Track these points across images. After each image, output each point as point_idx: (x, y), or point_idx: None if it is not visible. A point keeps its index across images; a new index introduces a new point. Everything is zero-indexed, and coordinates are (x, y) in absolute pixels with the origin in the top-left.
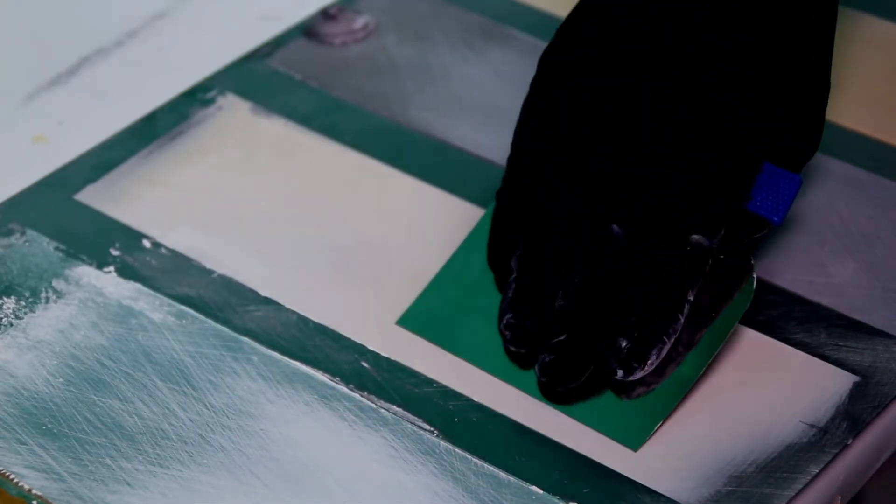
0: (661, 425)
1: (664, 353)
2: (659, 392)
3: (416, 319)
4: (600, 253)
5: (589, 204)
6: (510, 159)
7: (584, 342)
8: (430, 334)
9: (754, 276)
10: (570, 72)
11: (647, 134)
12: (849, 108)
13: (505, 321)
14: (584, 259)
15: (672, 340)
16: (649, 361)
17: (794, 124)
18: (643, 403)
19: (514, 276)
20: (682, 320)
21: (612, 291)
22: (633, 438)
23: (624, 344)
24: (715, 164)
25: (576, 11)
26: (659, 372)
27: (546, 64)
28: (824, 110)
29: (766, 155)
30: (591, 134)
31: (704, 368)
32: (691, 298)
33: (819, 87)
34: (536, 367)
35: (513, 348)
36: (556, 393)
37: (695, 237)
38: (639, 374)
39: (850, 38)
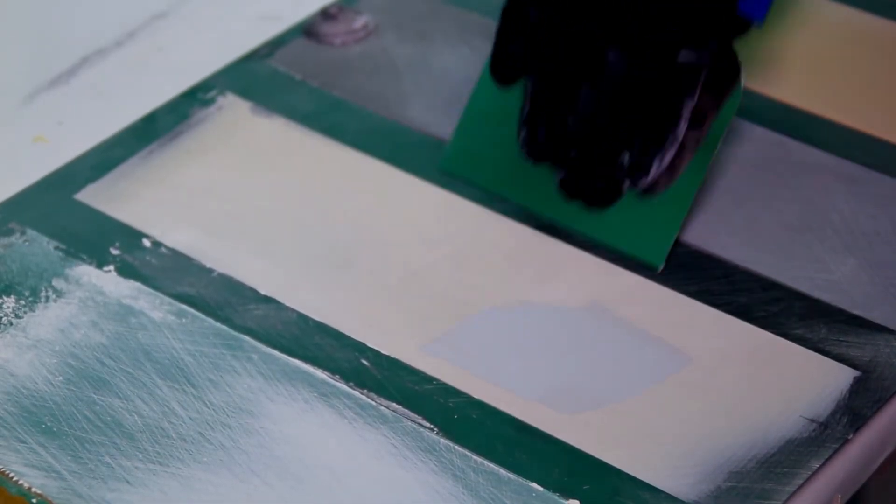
0: (677, 235)
1: (667, 159)
2: (668, 202)
3: (455, 161)
4: (601, 79)
5: (585, 31)
6: None
7: (594, 159)
8: (470, 174)
9: (742, 75)
10: None
11: None
12: (849, 106)
13: (521, 136)
14: (587, 87)
15: (674, 147)
16: (652, 169)
17: None
18: (657, 217)
19: (526, 94)
20: (683, 126)
21: (614, 112)
22: (655, 255)
23: (626, 157)
24: None
25: None
26: (669, 173)
27: None
28: None
29: None
30: None
31: (705, 171)
32: (687, 113)
33: None
34: (556, 183)
35: (530, 161)
36: (581, 196)
37: (684, 53)
38: (646, 182)
39: (849, 35)
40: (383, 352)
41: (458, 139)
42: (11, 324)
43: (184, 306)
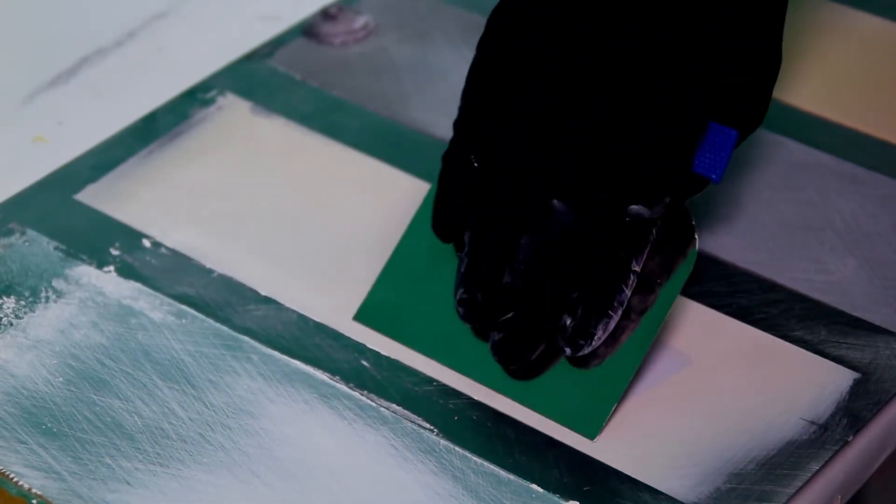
0: (615, 409)
1: (611, 326)
2: (609, 372)
3: (371, 315)
4: (543, 229)
5: (530, 179)
6: (456, 123)
7: (532, 319)
8: (386, 329)
9: (696, 240)
10: (514, 33)
11: (587, 102)
12: (849, 106)
13: (458, 296)
14: (529, 236)
15: (619, 313)
16: (595, 337)
17: (741, 95)
18: (595, 388)
19: (465, 250)
20: (628, 292)
21: (557, 268)
22: (590, 427)
23: (569, 322)
24: (656, 134)
25: None
26: (612, 341)
27: (493, 22)
28: (773, 83)
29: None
30: (531, 100)
31: (651, 342)
32: (637, 269)
33: (770, 58)
34: (489, 347)
35: (467, 324)
36: (513, 370)
37: (634, 208)
38: (587, 350)
39: (849, 36)
40: (383, 353)
41: (378, 291)
42: (11, 324)
43: (184, 307)
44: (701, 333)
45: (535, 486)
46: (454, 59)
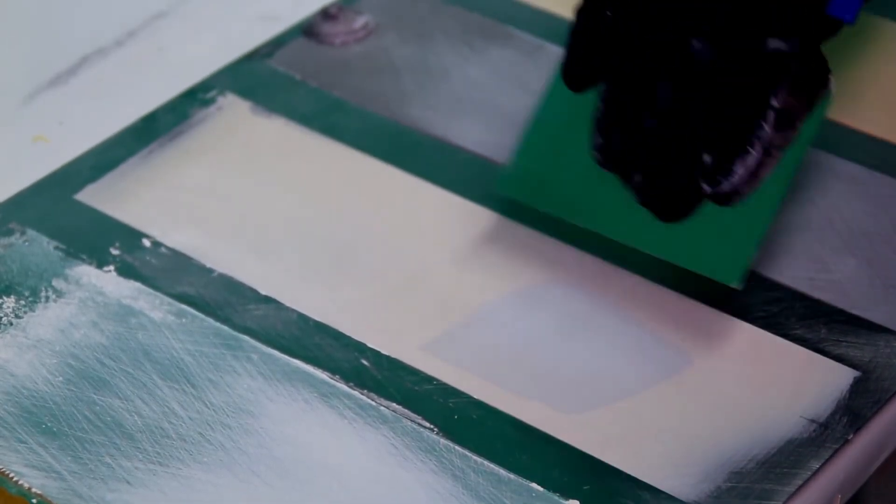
0: (756, 254)
1: (751, 163)
2: (748, 213)
3: (514, 183)
4: (683, 70)
5: (668, 18)
6: None
7: (673, 160)
8: (529, 198)
9: (832, 79)
10: None
11: None
12: (850, 107)
13: (595, 142)
14: (668, 77)
15: (759, 149)
16: (736, 173)
17: None
18: (735, 231)
19: (602, 97)
20: (768, 128)
21: (697, 108)
22: (732, 272)
23: (708, 159)
24: None
25: None
26: (752, 178)
27: None
28: None
29: None
30: None
31: (791, 179)
32: (776, 105)
33: None
34: (631, 188)
35: (604, 170)
36: (657, 211)
37: (773, 42)
38: (727, 187)
39: (850, 37)
40: (383, 352)
41: (521, 159)
42: (11, 324)
43: (184, 306)
44: (701, 332)
45: (535, 485)
46: (454, 59)
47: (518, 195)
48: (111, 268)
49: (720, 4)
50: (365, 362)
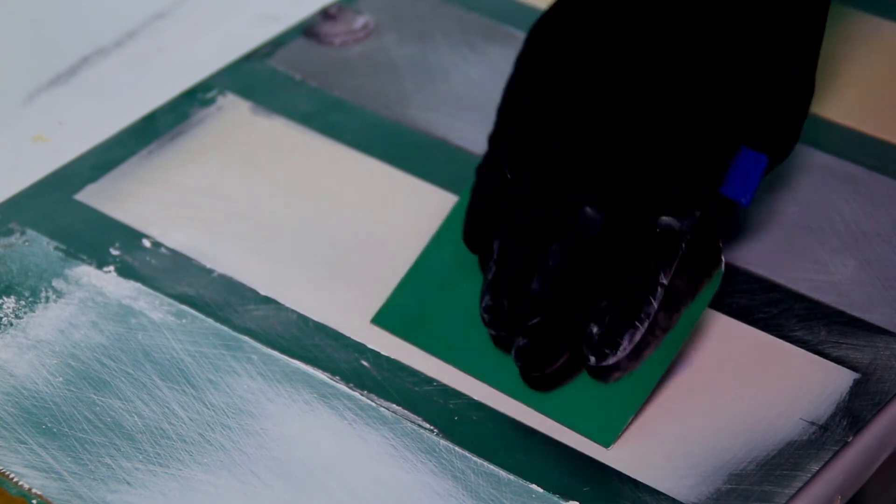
0: (632, 420)
1: (637, 338)
2: (629, 384)
3: (390, 318)
4: (574, 236)
5: (564, 186)
6: (491, 136)
7: (559, 327)
8: (404, 333)
9: (723, 262)
10: (547, 58)
11: (624, 115)
12: (849, 107)
13: (484, 303)
14: (559, 242)
15: (645, 325)
16: (621, 347)
17: (774, 119)
18: (614, 398)
19: (493, 258)
20: (656, 304)
21: (587, 276)
22: (606, 435)
23: (595, 330)
24: (691, 150)
25: None
26: (635, 356)
27: (532, 38)
28: (805, 113)
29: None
30: (567, 114)
31: (673, 358)
32: (665, 282)
33: (803, 86)
34: (512, 351)
35: (491, 331)
36: (533, 379)
37: (664, 219)
38: (612, 360)
39: (849, 37)
40: (383, 353)
41: (399, 295)
42: (11, 324)
43: (183, 307)
44: (701, 333)
45: (535, 487)
46: (454, 59)
47: (392, 329)
48: (111, 268)
49: (615, 178)
50: (365, 363)
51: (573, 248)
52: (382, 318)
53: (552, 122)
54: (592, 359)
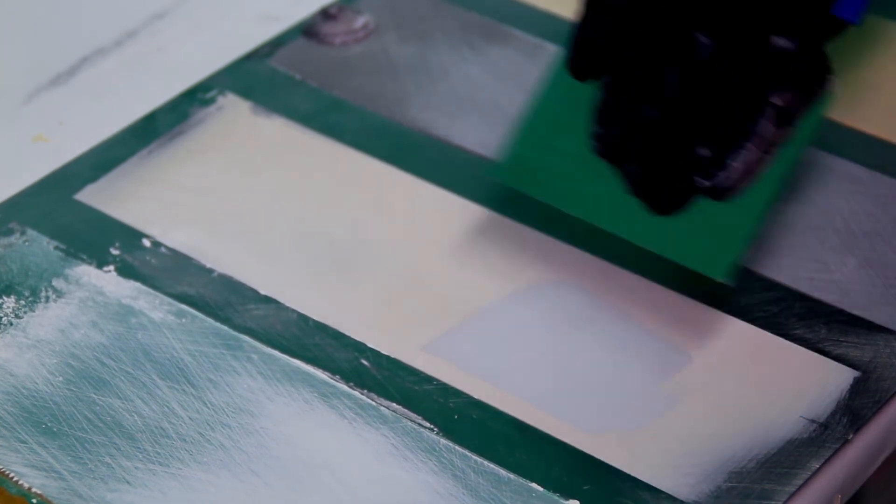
0: (746, 251)
1: (748, 157)
2: (739, 209)
3: (508, 170)
4: (686, 62)
5: (675, 11)
6: None
7: (671, 152)
8: (521, 184)
9: (833, 80)
10: None
11: None
12: (850, 107)
13: (594, 131)
14: (672, 68)
15: (755, 145)
16: (732, 167)
17: None
18: (726, 227)
19: (604, 87)
20: (766, 124)
21: (699, 101)
22: (720, 266)
23: (706, 153)
24: None
25: None
26: (747, 174)
27: None
28: None
29: None
30: None
31: (785, 177)
32: (777, 102)
33: None
34: (624, 177)
35: (602, 158)
36: (651, 204)
37: (776, 40)
38: (722, 182)
39: (849, 36)
40: (383, 352)
41: (517, 147)
42: (11, 324)
43: (184, 306)
44: (701, 332)
45: (535, 485)
46: (454, 59)
47: (511, 181)
48: (111, 268)
49: (726, 1)
50: (365, 362)
51: (686, 73)
52: (500, 171)
53: None
54: (704, 181)
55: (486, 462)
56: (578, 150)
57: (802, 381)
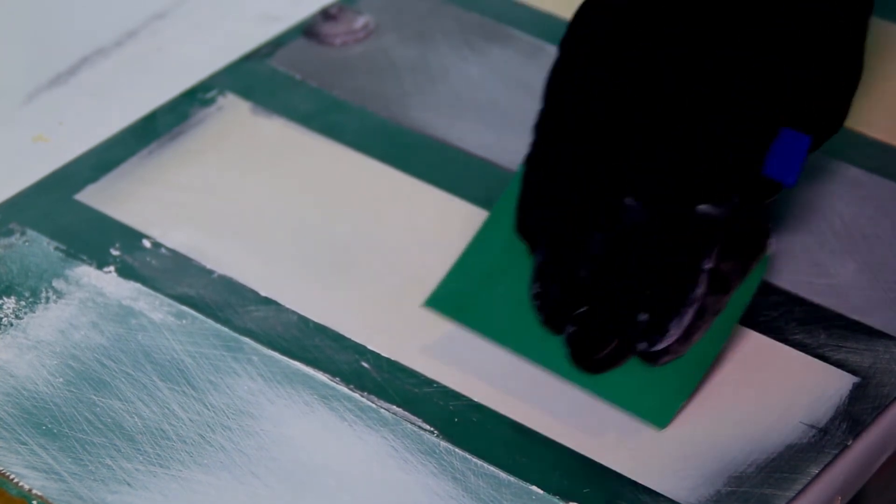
0: (687, 402)
1: (685, 322)
2: (681, 365)
3: (443, 300)
4: (616, 226)
5: (605, 176)
6: (536, 125)
7: (606, 314)
8: (457, 315)
9: (771, 244)
10: (589, 45)
11: (661, 102)
12: (850, 110)
13: (534, 290)
14: (601, 232)
15: (692, 310)
16: (669, 334)
17: (817, 101)
18: (668, 380)
19: (542, 246)
20: (700, 290)
21: (630, 263)
22: (661, 416)
23: (643, 317)
24: (729, 134)
25: None
26: (684, 339)
27: (568, 42)
28: (852, 93)
29: (783, 125)
30: (607, 102)
31: (725, 341)
32: (707, 267)
33: (849, 68)
34: (563, 338)
35: (541, 318)
36: (583, 364)
37: (702, 207)
38: (661, 346)
39: None
40: (384, 354)
41: (452, 280)
42: (11, 325)
43: (184, 307)
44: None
45: (535, 488)
46: (454, 59)
47: (446, 311)
48: (111, 268)
49: (651, 169)
50: (365, 364)
51: (615, 237)
52: (435, 301)
53: (593, 111)
54: (643, 344)
55: (485, 465)
56: (513, 291)
57: (802, 386)
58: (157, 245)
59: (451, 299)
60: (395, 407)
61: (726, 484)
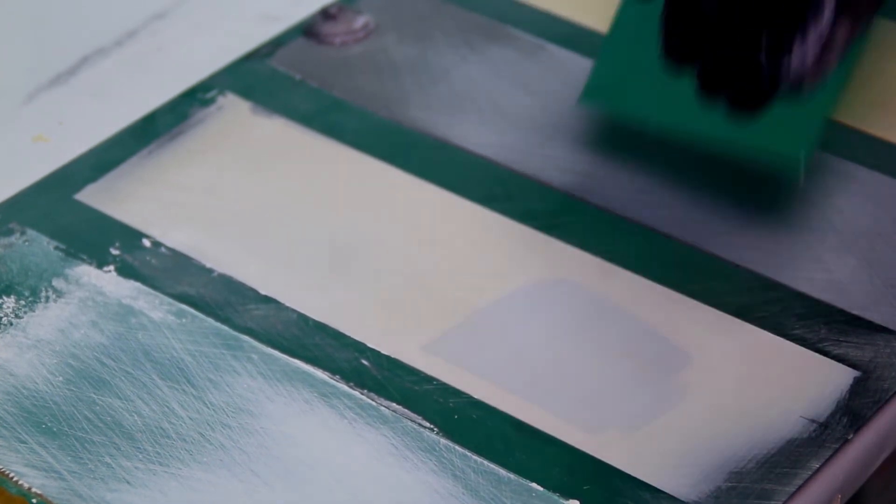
0: (820, 134)
1: (810, 43)
2: (813, 102)
3: (598, 91)
4: None
5: None
6: None
7: (736, 44)
8: (617, 103)
9: None
10: None
11: None
12: (849, 106)
13: (661, 36)
14: None
15: (818, 30)
16: (795, 47)
17: None
18: (799, 119)
19: None
20: (826, 9)
21: None
22: (793, 159)
23: (768, 41)
24: None
25: None
26: (816, 68)
27: None
28: None
29: None
30: None
31: (854, 68)
32: None
33: None
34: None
35: (670, 58)
36: (714, 92)
37: None
38: (790, 67)
39: None
40: (383, 352)
41: (600, 69)
42: (11, 324)
43: (184, 306)
44: (701, 332)
45: (535, 485)
46: (454, 59)
47: (601, 101)
48: (111, 268)
49: None
50: (365, 362)
51: None
52: (591, 94)
53: None
54: (774, 74)
55: (485, 462)
56: (656, 64)
57: (802, 380)
58: (156, 244)
59: (606, 89)
60: (394, 404)
61: (726, 479)
